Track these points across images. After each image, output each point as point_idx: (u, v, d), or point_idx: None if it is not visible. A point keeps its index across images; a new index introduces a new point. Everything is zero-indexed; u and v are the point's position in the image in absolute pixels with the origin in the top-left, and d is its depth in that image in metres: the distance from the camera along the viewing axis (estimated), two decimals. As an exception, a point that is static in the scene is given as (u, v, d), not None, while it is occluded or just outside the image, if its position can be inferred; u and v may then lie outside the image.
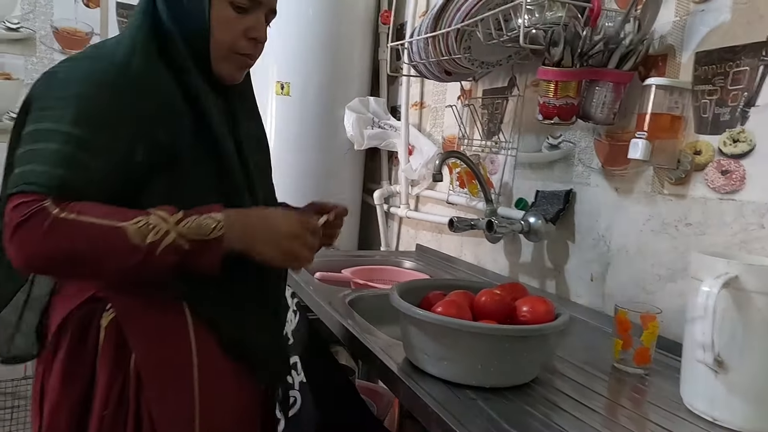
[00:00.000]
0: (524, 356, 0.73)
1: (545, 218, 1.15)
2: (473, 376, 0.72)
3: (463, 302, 0.77)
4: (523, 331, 0.72)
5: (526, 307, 0.77)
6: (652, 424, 0.68)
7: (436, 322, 0.71)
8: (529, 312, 0.76)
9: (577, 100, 0.98)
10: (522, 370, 0.74)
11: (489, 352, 0.71)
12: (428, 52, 1.25)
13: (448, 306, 0.74)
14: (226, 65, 0.76)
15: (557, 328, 0.73)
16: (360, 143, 1.81)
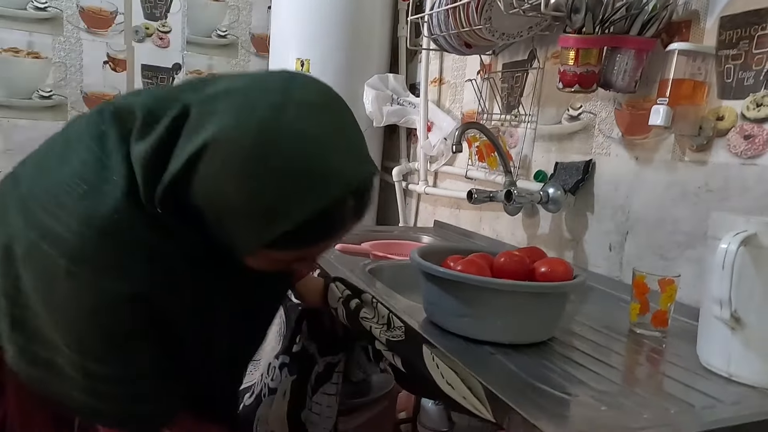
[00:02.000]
0: (543, 314, 0.75)
1: (564, 189, 1.16)
2: (492, 332, 0.74)
3: (483, 262, 0.78)
4: (543, 287, 0.73)
5: (545, 267, 0.79)
6: (669, 379, 0.69)
7: (457, 279, 0.73)
8: (548, 272, 0.78)
9: (598, 67, 0.99)
10: (540, 327, 0.76)
11: (508, 309, 0.73)
12: (448, 24, 1.26)
13: (467, 265, 0.76)
14: (256, 263, 0.63)
15: (575, 286, 0.75)
16: (379, 120, 1.82)
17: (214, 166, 0.53)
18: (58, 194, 0.57)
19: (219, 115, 0.53)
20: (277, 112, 0.53)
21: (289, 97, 0.55)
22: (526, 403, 0.57)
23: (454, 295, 0.75)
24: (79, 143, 0.61)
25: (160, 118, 0.57)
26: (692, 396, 0.64)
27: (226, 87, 0.57)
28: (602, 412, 0.57)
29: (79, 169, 0.58)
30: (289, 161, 0.52)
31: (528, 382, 0.64)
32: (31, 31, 1.84)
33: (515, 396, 0.58)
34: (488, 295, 0.72)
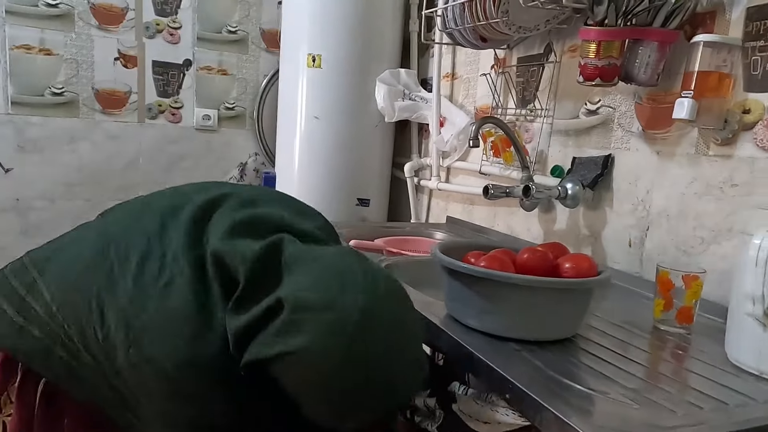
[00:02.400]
0: (568, 310, 0.74)
1: (582, 184, 1.15)
2: (516, 328, 0.73)
3: (506, 258, 0.78)
4: (569, 284, 0.72)
5: (569, 263, 0.78)
6: (697, 376, 0.68)
7: (481, 275, 0.72)
8: (572, 268, 0.77)
9: (620, 60, 0.97)
10: (565, 323, 0.75)
11: (534, 305, 0.72)
12: (464, 17, 1.24)
13: (491, 261, 0.75)
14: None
15: (601, 282, 0.74)
16: (391, 115, 1.81)
17: (302, 373, 0.58)
18: (163, 326, 0.62)
19: (310, 328, 0.56)
20: (365, 333, 0.57)
21: (375, 310, 0.58)
22: (556, 400, 0.56)
23: (478, 292, 0.74)
24: (181, 277, 0.64)
25: (258, 299, 0.60)
26: (723, 393, 0.63)
27: (316, 283, 0.59)
28: (634, 410, 0.56)
29: (184, 310, 0.62)
30: (374, 369, 0.58)
31: (556, 379, 0.63)
32: (42, 27, 1.84)
33: (545, 393, 0.58)
34: (513, 292, 0.71)
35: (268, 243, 0.62)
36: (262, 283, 0.60)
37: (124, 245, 0.67)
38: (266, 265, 0.61)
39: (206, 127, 2.12)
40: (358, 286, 0.58)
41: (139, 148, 2.02)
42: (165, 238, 0.67)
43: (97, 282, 0.65)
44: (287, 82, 1.91)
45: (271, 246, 0.62)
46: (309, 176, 1.87)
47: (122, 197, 1.62)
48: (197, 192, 0.74)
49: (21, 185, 1.88)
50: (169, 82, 2.05)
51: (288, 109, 1.90)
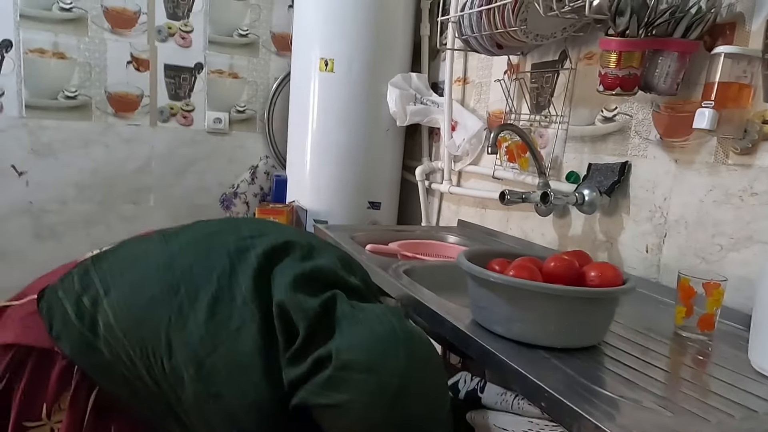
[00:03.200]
0: (595, 318, 0.76)
1: (599, 190, 1.16)
2: (545, 336, 0.74)
3: (533, 266, 0.79)
4: (597, 293, 0.74)
5: (595, 272, 0.79)
6: (723, 384, 0.70)
7: (511, 285, 0.74)
8: (598, 276, 0.78)
9: (640, 70, 0.98)
10: (592, 331, 0.77)
11: (561, 313, 0.73)
12: (481, 25, 1.26)
13: (519, 269, 0.77)
14: None
15: (627, 290, 0.75)
16: (403, 119, 1.82)
17: (346, 425, 0.65)
18: (233, 368, 0.67)
19: (354, 386, 0.64)
20: (402, 397, 0.64)
21: (412, 377, 0.66)
22: (591, 407, 0.57)
23: (507, 300, 0.76)
24: (252, 323, 0.69)
25: (311, 350, 0.67)
26: (750, 401, 0.64)
27: (361, 345, 0.66)
28: (668, 418, 0.58)
29: (253, 355, 0.68)
30: (415, 412, 0.65)
31: (587, 385, 0.64)
32: (56, 32, 1.85)
33: (579, 400, 0.59)
34: (542, 300, 0.73)
35: (325, 300, 0.69)
36: (317, 337, 0.67)
37: (194, 284, 0.72)
38: (322, 322, 0.68)
39: (217, 130, 2.13)
40: (398, 351, 0.65)
41: (152, 151, 2.03)
42: (234, 283, 0.72)
43: (166, 316, 0.70)
44: (299, 86, 1.93)
45: (327, 303, 0.69)
46: (320, 179, 1.89)
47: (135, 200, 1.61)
48: (260, 236, 0.79)
49: (34, 189, 1.89)
50: (181, 86, 2.06)
51: (300, 112, 1.92)
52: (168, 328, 0.69)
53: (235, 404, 0.66)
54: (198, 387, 0.67)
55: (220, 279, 0.72)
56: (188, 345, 0.68)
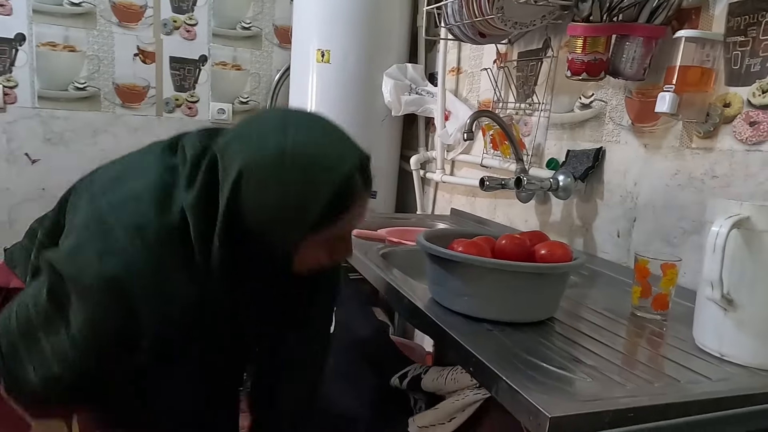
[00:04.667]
0: (539, 293, 0.78)
1: (574, 176, 1.18)
2: (490, 310, 0.77)
3: (484, 245, 0.82)
4: (536, 267, 0.76)
5: (545, 250, 0.81)
6: (663, 359, 0.72)
7: (456, 259, 0.77)
8: (547, 254, 0.80)
9: (606, 55, 1.00)
10: (537, 306, 0.79)
11: (506, 288, 0.76)
12: (462, 13, 1.28)
13: (469, 246, 0.80)
14: (300, 267, 0.75)
15: (569, 267, 0.78)
16: (397, 109, 1.85)
17: (251, 187, 0.67)
18: (127, 200, 0.70)
19: (242, 152, 0.67)
20: (283, 134, 0.68)
21: (287, 121, 0.70)
22: (516, 373, 0.60)
23: (455, 275, 0.79)
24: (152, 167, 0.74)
25: (199, 168, 0.70)
26: (681, 373, 0.66)
27: (239, 132, 0.71)
28: (586, 383, 0.60)
29: (153, 186, 0.71)
30: (305, 163, 0.67)
31: (521, 356, 0.67)
32: (67, 25, 1.94)
33: (505, 367, 0.62)
34: (486, 275, 0.76)
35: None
36: (199, 156, 0.71)
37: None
38: (200, 146, 0.72)
39: (221, 120, 2.19)
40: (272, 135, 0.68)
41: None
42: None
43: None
44: (298, 77, 1.97)
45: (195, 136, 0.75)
46: (318, 168, 1.93)
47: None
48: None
49: (46, 176, 1.98)
50: (186, 77, 2.13)
51: (299, 103, 1.96)
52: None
53: (121, 242, 0.67)
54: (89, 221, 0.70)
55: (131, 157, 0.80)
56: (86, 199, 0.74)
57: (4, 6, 1.86)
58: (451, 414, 0.75)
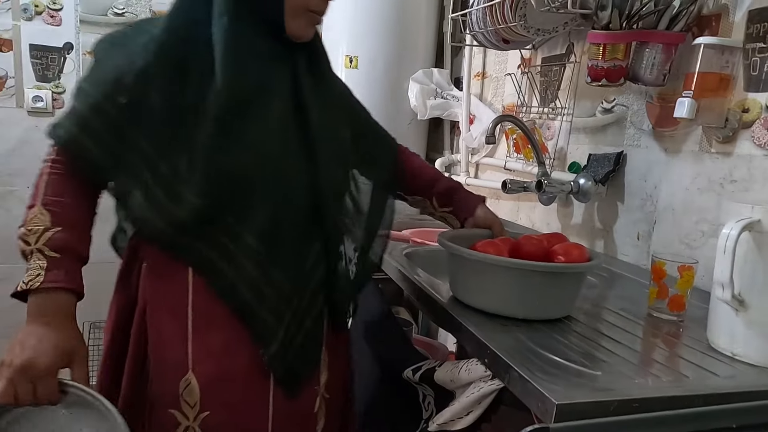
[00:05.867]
0: (555, 292, 0.81)
1: (595, 179, 1.20)
2: (505, 306, 0.80)
3: (503, 245, 0.85)
4: (551, 267, 0.79)
5: (561, 251, 0.85)
6: (675, 357, 0.74)
7: (475, 258, 0.81)
8: (563, 255, 0.84)
9: (626, 62, 1.02)
10: (552, 305, 0.82)
11: (521, 286, 0.79)
12: (486, 21, 1.32)
13: (486, 245, 0.83)
14: (297, 23, 0.77)
15: (583, 268, 0.80)
16: (423, 113, 1.90)
17: None
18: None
19: None
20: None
21: None
22: (527, 364, 0.64)
23: (473, 272, 0.83)
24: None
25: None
26: (690, 370, 0.68)
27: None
28: (595, 375, 0.63)
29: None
30: None
31: (535, 350, 0.70)
32: (111, 34, 2.04)
33: (518, 358, 0.65)
34: (503, 273, 0.79)
35: None
36: None
37: None
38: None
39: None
40: None
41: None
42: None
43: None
44: (327, 82, 2.04)
45: None
46: (345, 171, 1.99)
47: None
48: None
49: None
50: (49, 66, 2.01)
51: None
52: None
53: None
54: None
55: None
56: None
57: (54, 17, 1.99)
58: (468, 408, 0.79)
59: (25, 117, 2.02)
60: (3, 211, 2.04)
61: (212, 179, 0.73)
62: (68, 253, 0.73)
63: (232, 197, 0.76)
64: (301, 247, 0.82)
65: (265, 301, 0.78)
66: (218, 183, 0.74)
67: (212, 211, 0.75)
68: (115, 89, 0.73)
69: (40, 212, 0.73)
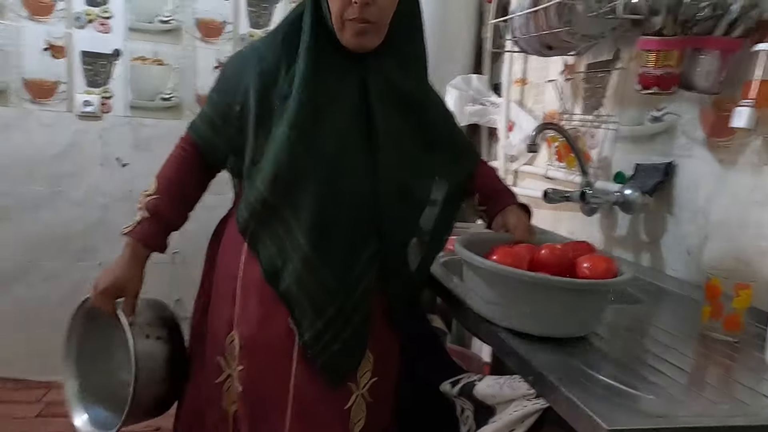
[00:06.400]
0: (574, 309, 0.76)
1: (642, 190, 1.15)
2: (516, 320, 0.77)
3: (524, 254, 0.80)
4: (570, 284, 0.75)
5: (588, 263, 0.79)
6: (731, 380, 0.70)
7: (484, 267, 0.77)
8: (589, 268, 0.78)
9: (679, 69, 0.98)
10: (571, 322, 0.77)
11: (535, 301, 0.75)
12: (529, 27, 1.29)
13: (504, 255, 0.79)
14: (344, 34, 0.85)
15: (610, 285, 0.76)
16: (460, 120, 1.88)
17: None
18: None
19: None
20: None
21: None
22: (573, 384, 0.61)
23: (486, 283, 0.79)
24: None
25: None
26: (748, 395, 0.64)
27: None
28: (648, 399, 0.60)
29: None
30: None
31: (581, 369, 0.68)
32: (156, 41, 2.11)
33: (564, 378, 0.63)
34: (516, 285, 0.75)
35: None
36: None
37: None
38: None
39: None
40: None
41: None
42: None
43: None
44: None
45: None
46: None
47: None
48: None
49: (134, 179, 2.16)
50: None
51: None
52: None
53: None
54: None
55: None
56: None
57: (104, 25, 2.06)
58: (510, 426, 0.76)
59: (75, 121, 2.10)
60: (52, 212, 2.12)
61: (273, 173, 0.86)
62: (156, 216, 0.95)
63: (287, 192, 0.87)
64: (353, 249, 0.88)
65: (308, 295, 0.87)
66: (276, 177, 0.86)
67: (274, 201, 0.87)
68: (232, 99, 0.91)
69: (154, 182, 0.97)
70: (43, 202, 2.11)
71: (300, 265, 0.86)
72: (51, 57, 2.04)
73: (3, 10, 1.97)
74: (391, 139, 0.89)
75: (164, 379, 0.97)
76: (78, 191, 2.13)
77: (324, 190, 0.86)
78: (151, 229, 0.95)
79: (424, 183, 0.92)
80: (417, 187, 0.92)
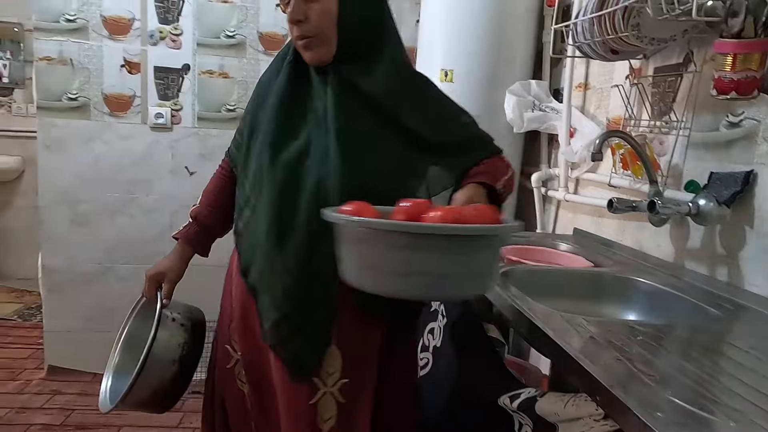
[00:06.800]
0: (445, 264, 0.70)
1: (718, 201, 1.09)
2: (392, 284, 0.72)
3: (414, 210, 0.76)
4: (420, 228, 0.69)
5: (439, 212, 0.73)
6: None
7: (345, 222, 0.74)
8: (441, 216, 0.72)
9: (760, 72, 0.92)
10: (452, 280, 0.71)
11: (399, 257, 0.69)
12: (593, 31, 1.25)
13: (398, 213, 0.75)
14: (301, 53, 0.94)
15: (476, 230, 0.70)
16: (519, 126, 1.84)
17: None
18: None
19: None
20: None
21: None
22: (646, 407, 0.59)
23: (351, 243, 0.76)
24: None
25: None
26: None
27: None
28: (727, 426, 0.57)
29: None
30: None
31: (653, 388, 0.65)
32: (222, 55, 2.21)
33: (635, 399, 0.60)
34: (379, 240, 0.70)
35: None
36: None
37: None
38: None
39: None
40: None
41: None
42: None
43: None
44: (421, 96, 2.04)
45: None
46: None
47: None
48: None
49: (200, 187, 2.26)
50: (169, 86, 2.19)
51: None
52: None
53: None
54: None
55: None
56: None
57: (175, 41, 2.18)
58: (575, 445, 0.74)
59: (148, 132, 2.24)
60: (127, 217, 2.27)
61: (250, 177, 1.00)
62: (198, 222, 1.15)
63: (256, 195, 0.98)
64: (310, 243, 0.92)
65: (268, 288, 0.96)
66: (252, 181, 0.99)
67: (254, 202, 0.98)
68: (244, 116, 1.10)
69: (201, 195, 1.20)
70: (118, 209, 2.26)
71: (262, 259, 0.96)
72: (127, 73, 2.19)
73: (87, 32, 2.13)
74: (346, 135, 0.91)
75: (174, 361, 1.07)
76: (150, 198, 2.27)
77: (277, 191, 0.94)
78: (191, 231, 1.14)
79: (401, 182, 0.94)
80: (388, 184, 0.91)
